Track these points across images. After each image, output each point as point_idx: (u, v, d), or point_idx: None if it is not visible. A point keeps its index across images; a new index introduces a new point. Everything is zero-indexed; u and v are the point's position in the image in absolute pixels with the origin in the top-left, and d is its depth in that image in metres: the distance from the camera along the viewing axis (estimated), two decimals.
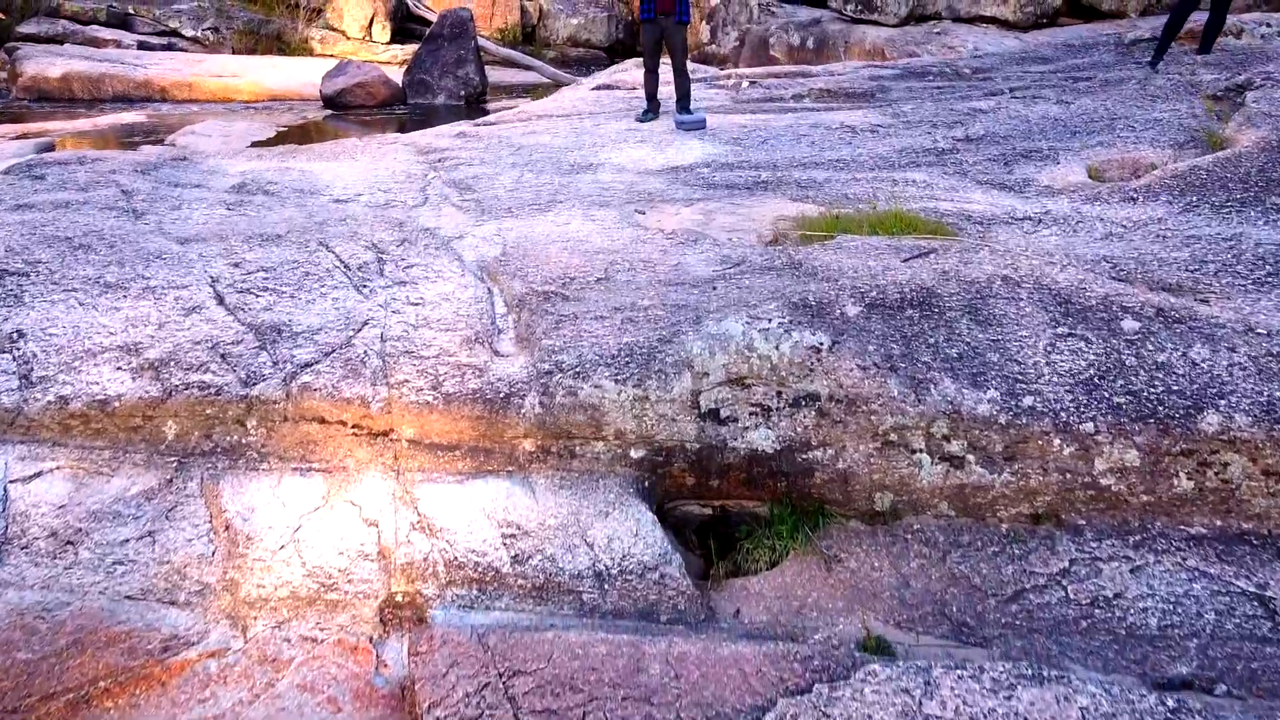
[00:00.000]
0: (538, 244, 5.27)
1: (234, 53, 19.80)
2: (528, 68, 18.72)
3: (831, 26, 18.18)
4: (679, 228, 5.50)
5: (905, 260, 4.42)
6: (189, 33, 20.48)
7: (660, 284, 4.56)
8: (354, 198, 6.41)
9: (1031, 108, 7.64)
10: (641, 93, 9.64)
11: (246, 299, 4.69)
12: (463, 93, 14.91)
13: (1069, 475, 3.51)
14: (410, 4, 21.39)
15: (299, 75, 16.37)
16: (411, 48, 21.54)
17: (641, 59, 9.54)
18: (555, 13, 23.68)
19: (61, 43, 18.45)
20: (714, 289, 4.43)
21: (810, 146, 7.35)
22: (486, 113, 14.58)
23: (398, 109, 14.60)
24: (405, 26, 21.92)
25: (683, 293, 4.42)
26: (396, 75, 15.75)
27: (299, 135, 11.88)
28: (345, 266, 4.96)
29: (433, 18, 21.27)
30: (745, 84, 10.90)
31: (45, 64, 15.62)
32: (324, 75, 14.88)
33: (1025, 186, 5.84)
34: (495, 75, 19.22)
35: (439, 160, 7.52)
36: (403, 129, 12.90)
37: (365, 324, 4.46)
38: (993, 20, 17.18)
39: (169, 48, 19.86)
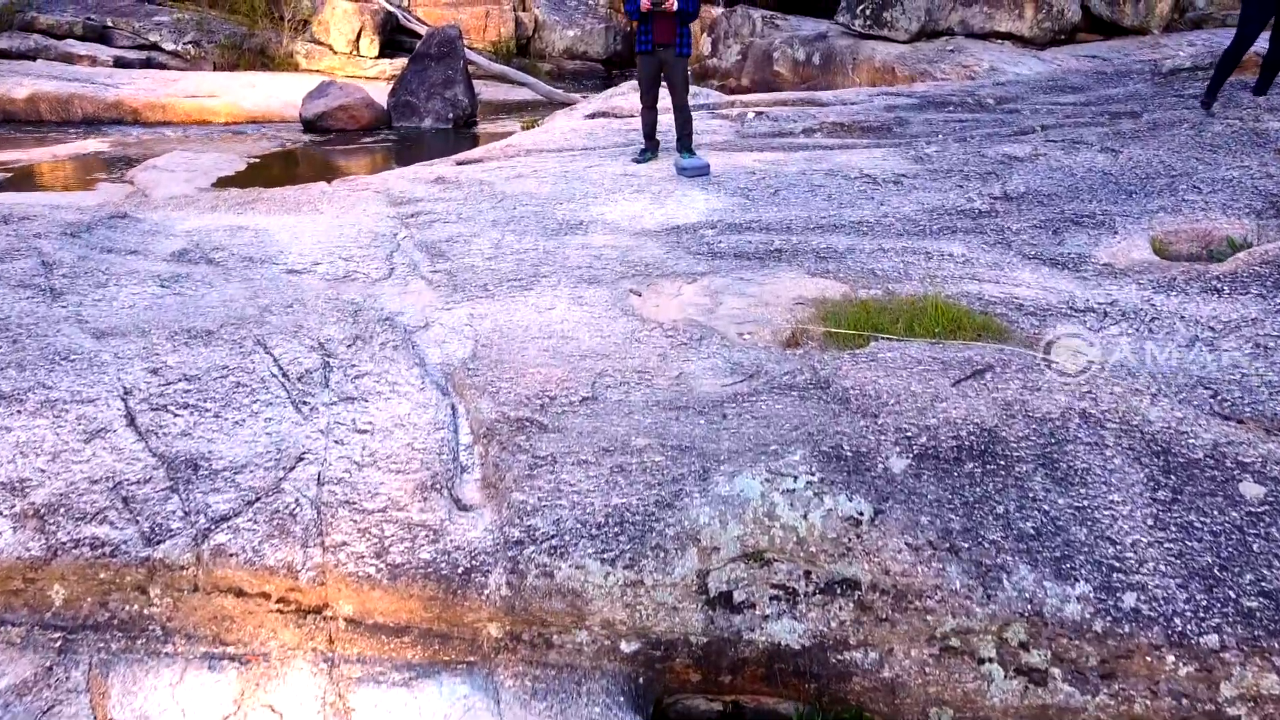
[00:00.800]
0: (514, 340, 4.48)
1: (215, 68, 19.00)
2: (521, 84, 17.94)
3: (839, 42, 17.38)
4: (680, 317, 4.71)
5: (956, 384, 3.63)
6: (169, 46, 19.67)
7: (658, 408, 3.77)
8: (310, 268, 5.62)
9: (1074, 156, 6.84)
10: (639, 123, 8.83)
11: (162, 419, 3.90)
12: (450, 115, 14.10)
13: (1186, 701, 2.72)
14: (400, 16, 20.59)
15: (279, 94, 15.56)
16: (401, 61, 20.72)
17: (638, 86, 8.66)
18: (551, 24, 22.89)
19: (34, 59, 17.65)
20: (724, 417, 3.64)
21: (827, 201, 6.55)
22: (475, 138, 13.79)
23: (382, 133, 13.79)
24: (395, 39, 21.13)
25: (686, 422, 3.63)
26: (382, 94, 14.94)
27: (270, 169, 11.08)
28: (284, 375, 4.17)
29: (423, 30, 20.48)
30: (751, 115, 10.11)
31: (11, 84, 14.82)
32: (304, 97, 14.08)
33: (1081, 264, 5.05)
34: (487, 92, 18.41)
35: (412, 215, 6.73)
36: (385, 159, 12.11)
37: (300, 459, 3.67)
38: (1008, 36, 16.39)
39: (148, 63, 19.07)
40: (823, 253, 5.53)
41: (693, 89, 12.05)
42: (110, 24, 20.18)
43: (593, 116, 11.34)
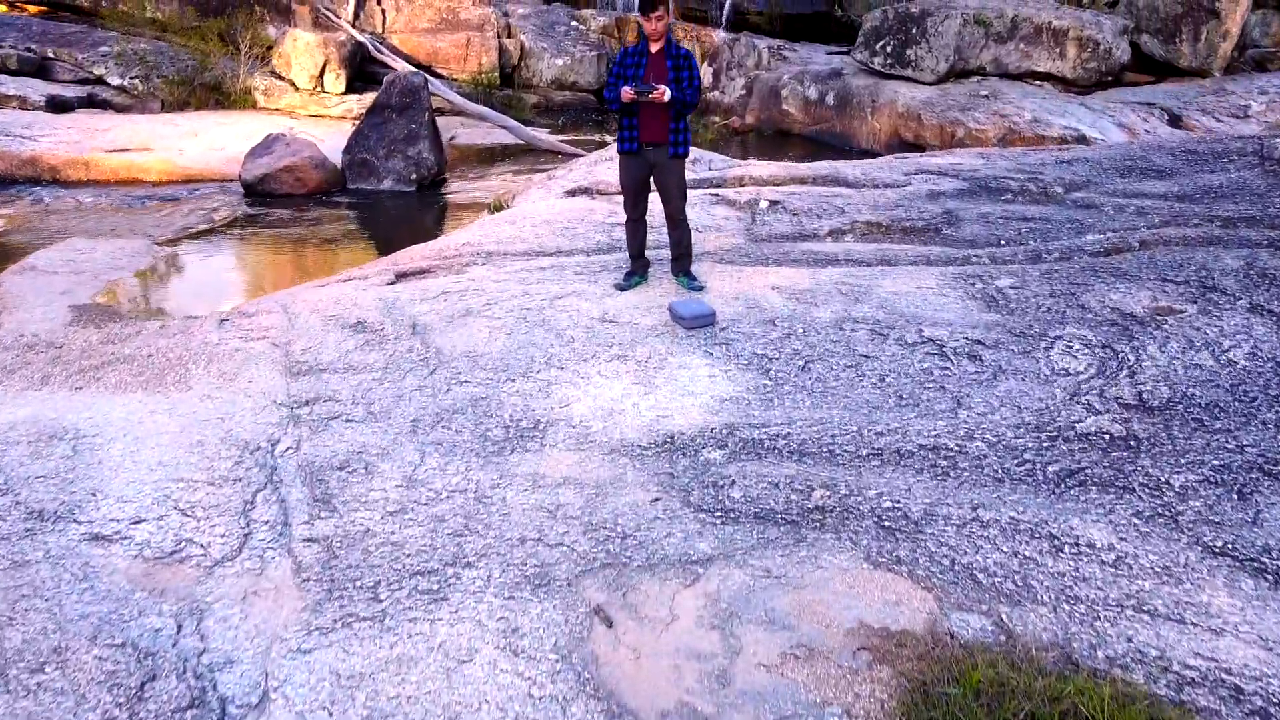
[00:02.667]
0: None
1: (164, 106, 17.17)
2: (503, 127, 16.09)
3: (856, 81, 15.55)
4: (672, 700, 2.87)
5: None
6: (115, 81, 17.86)
7: None
8: (126, 530, 3.79)
9: (1216, 321, 4.99)
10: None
11: None
12: (414, 176, 12.23)
13: None
14: (371, 47, 18.76)
15: (224, 146, 13.73)
16: (371, 96, 18.89)
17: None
18: (538, 52, 21.06)
19: None
20: None
21: (879, 390, 4.73)
22: (441, 206, 11.94)
23: (332, 200, 11.90)
24: (366, 70, 19.31)
25: None
26: (338, 146, 13.02)
27: (175, 267, 9.20)
28: None
29: (397, 65, 18.65)
30: (764, 204, 8.29)
31: None
32: (247, 155, 12.24)
33: None
34: (464, 135, 16.62)
35: (308, 403, 4.89)
36: (320, 247, 10.26)
37: None
38: (1047, 77, 14.58)
39: (89, 101, 17.24)
40: (887, 517, 3.69)
41: (694, 154, 10.28)
42: (51, 55, 18.40)
43: (573, 194, 9.51)
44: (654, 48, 6.06)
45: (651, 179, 6.23)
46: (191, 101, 17.25)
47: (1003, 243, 7.11)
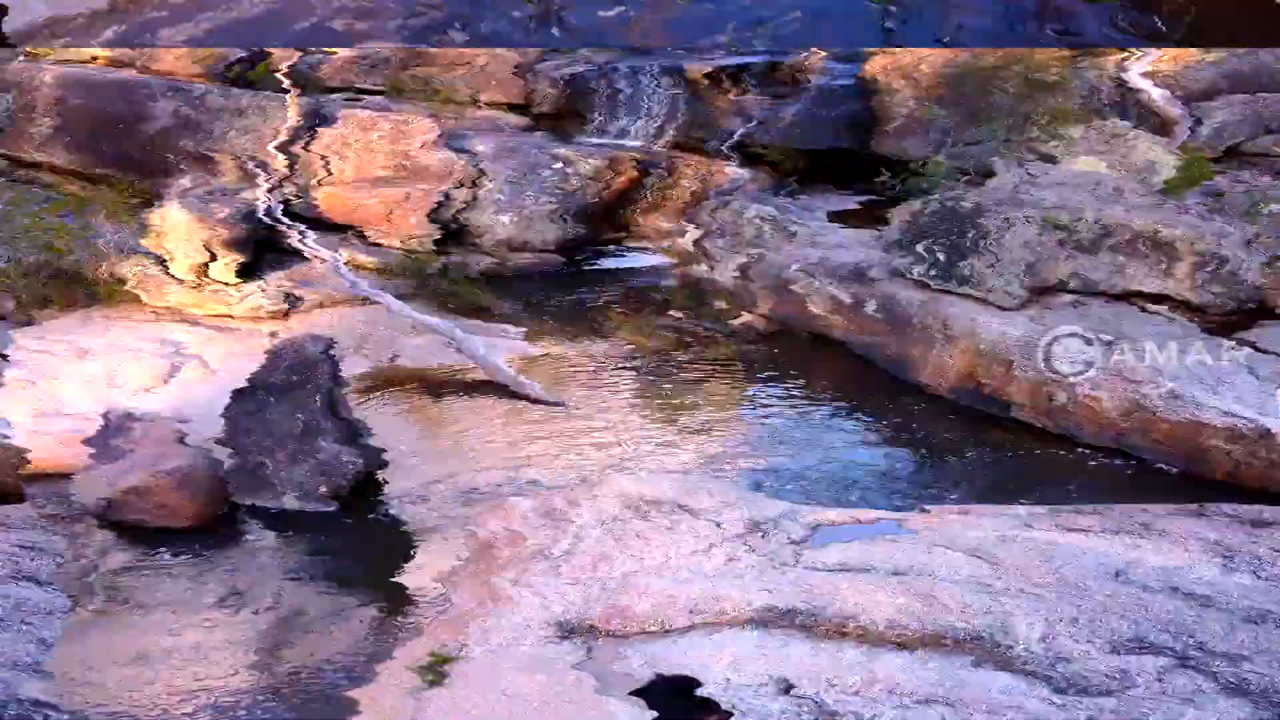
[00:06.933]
0: None
1: (20, 306, 13.36)
2: (457, 349, 12.37)
3: (904, 292, 12.23)
4: None
5: None
6: None
7: None
8: None
9: None
10: None
11: None
12: (323, 489, 8.49)
13: None
14: (265, 216, 14.97)
15: (69, 403, 9.95)
16: (301, 269, 15.13)
17: None
18: (485, 203, 17.24)
19: None
20: None
21: None
22: (371, 549, 8.13)
23: (212, 541, 8.08)
24: (273, 233, 15.37)
25: None
26: (249, 369, 8.87)
27: None
28: None
29: (296, 239, 14.79)
30: None
31: None
32: (89, 450, 8.46)
33: None
34: (412, 346, 12.79)
35: None
36: None
37: None
38: (1160, 299, 11.34)
39: None
40: None
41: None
42: None
43: (563, 637, 5.87)
44: None
45: None
46: (51, 299, 13.44)
47: None
